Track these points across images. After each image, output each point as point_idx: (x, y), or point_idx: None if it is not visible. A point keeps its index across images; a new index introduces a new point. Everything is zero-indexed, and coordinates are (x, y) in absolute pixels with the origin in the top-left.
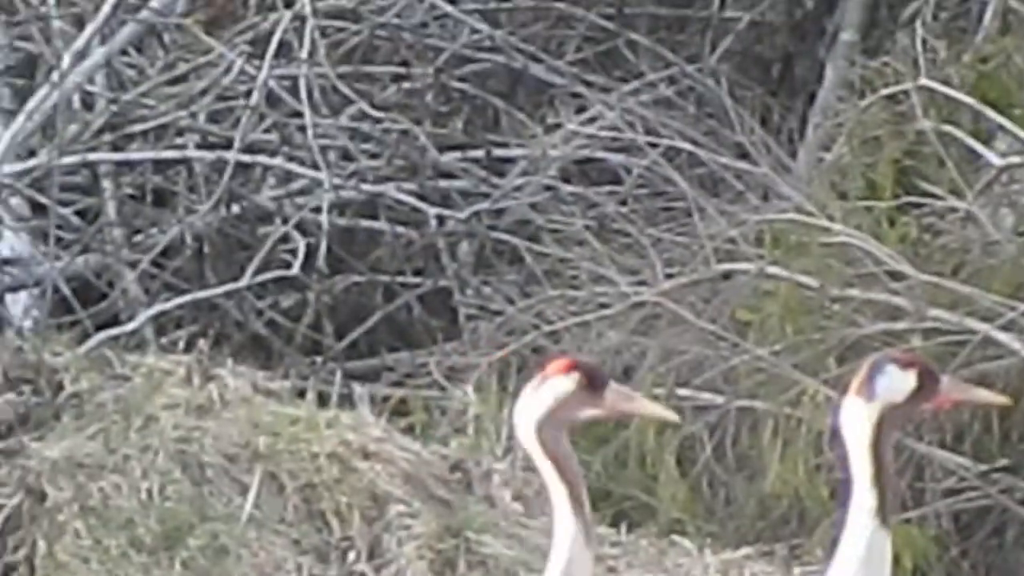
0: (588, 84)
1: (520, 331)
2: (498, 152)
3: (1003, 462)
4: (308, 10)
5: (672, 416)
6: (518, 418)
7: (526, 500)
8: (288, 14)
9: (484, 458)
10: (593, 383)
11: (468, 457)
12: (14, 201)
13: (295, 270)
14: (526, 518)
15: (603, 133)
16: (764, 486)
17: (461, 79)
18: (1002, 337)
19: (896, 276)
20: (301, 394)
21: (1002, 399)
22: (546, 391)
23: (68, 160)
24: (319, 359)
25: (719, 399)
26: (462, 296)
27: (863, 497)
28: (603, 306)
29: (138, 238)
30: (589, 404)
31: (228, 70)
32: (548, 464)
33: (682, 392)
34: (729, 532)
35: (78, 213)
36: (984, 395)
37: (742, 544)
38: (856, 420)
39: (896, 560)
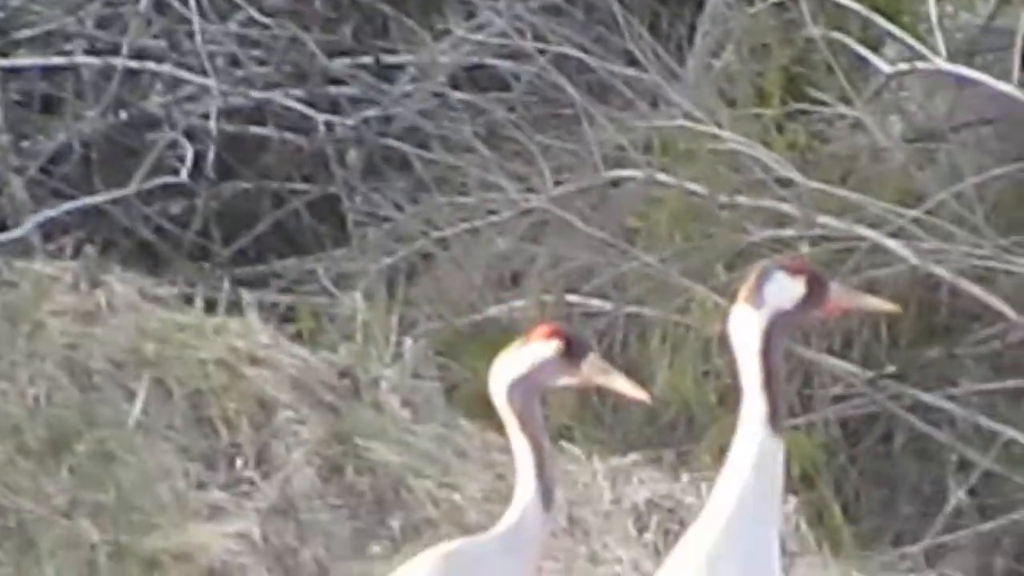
0: None
1: (409, 238)
2: (387, 59)
3: (891, 369)
4: None
5: (644, 396)
6: (493, 377)
7: (414, 407)
8: None
9: (372, 365)
10: (572, 352)
11: (356, 364)
12: None
13: (183, 177)
14: (414, 424)
15: (492, 40)
16: (652, 392)
17: None
18: (891, 244)
19: (784, 183)
20: (189, 300)
21: (891, 306)
22: (525, 354)
23: None
24: (207, 265)
25: (608, 305)
26: (351, 203)
27: (753, 405)
28: (492, 212)
29: (25, 144)
30: (565, 372)
31: None
32: (515, 425)
33: (571, 298)
34: (617, 438)
35: None
36: (873, 302)
37: (630, 450)
38: (745, 327)
39: (784, 467)
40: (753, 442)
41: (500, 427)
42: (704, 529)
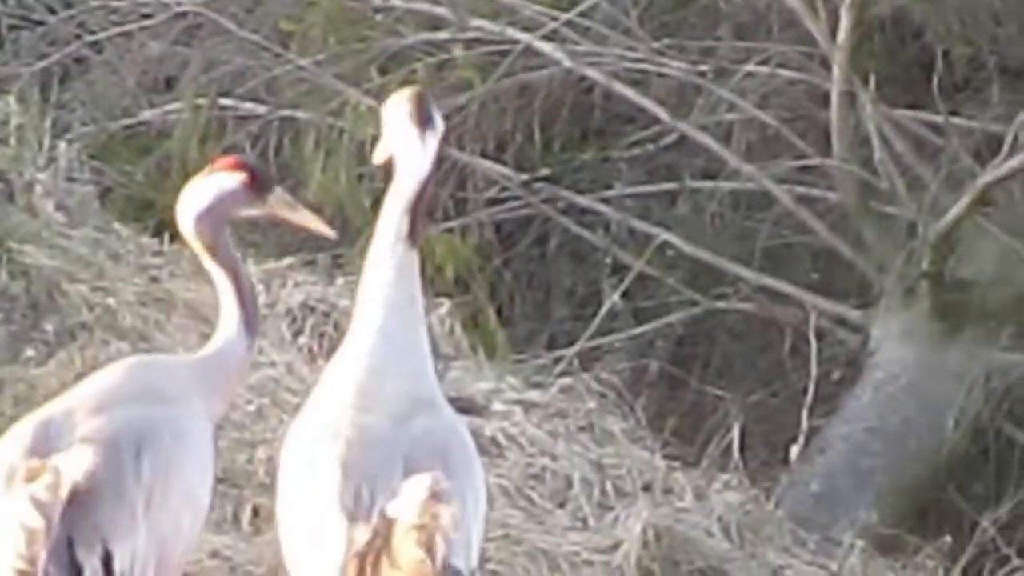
0: None
1: (62, 41)
2: None
3: (545, 172)
4: None
5: (329, 232)
6: (180, 208)
7: (68, 210)
8: None
9: (26, 169)
10: (258, 184)
11: (10, 168)
12: None
13: None
14: (69, 228)
15: None
16: (306, 195)
17: None
18: (544, 47)
19: None
20: None
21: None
22: (210, 186)
23: None
24: None
25: (261, 109)
26: (3, 5)
27: (392, 223)
28: (145, 16)
29: None
30: (250, 204)
31: None
32: (207, 255)
33: (224, 102)
34: (271, 242)
35: None
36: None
37: (285, 254)
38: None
39: (439, 270)
40: (393, 256)
41: (155, 231)
42: (357, 343)
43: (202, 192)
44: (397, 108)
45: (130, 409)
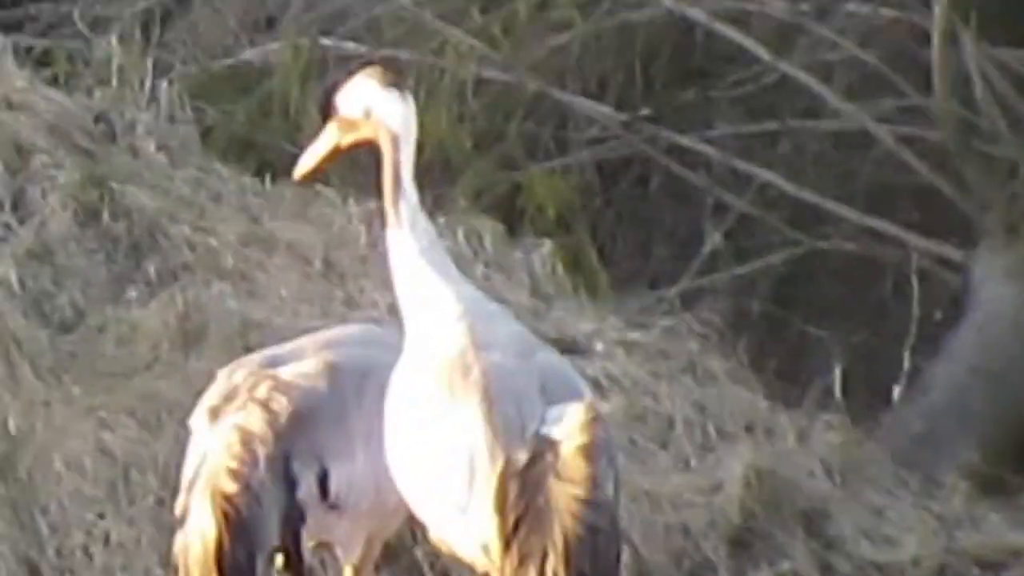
0: None
1: None
2: None
3: (646, 112)
4: None
5: None
6: None
7: (170, 151)
8: None
9: (128, 109)
10: None
11: (112, 108)
12: None
13: None
14: (170, 168)
15: None
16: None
17: None
18: None
19: None
20: None
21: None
22: None
23: None
24: None
25: (362, 49)
26: None
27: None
28: None
29: None
30: None
31: None
32: None
33: (325, 41)
34: (371, 182)
35: None
36: None
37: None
38: None
39: (540, 209)
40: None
41: (256, 170)
42: (437, 297)
43: None
44: (370, 83)
45: (355, 349)
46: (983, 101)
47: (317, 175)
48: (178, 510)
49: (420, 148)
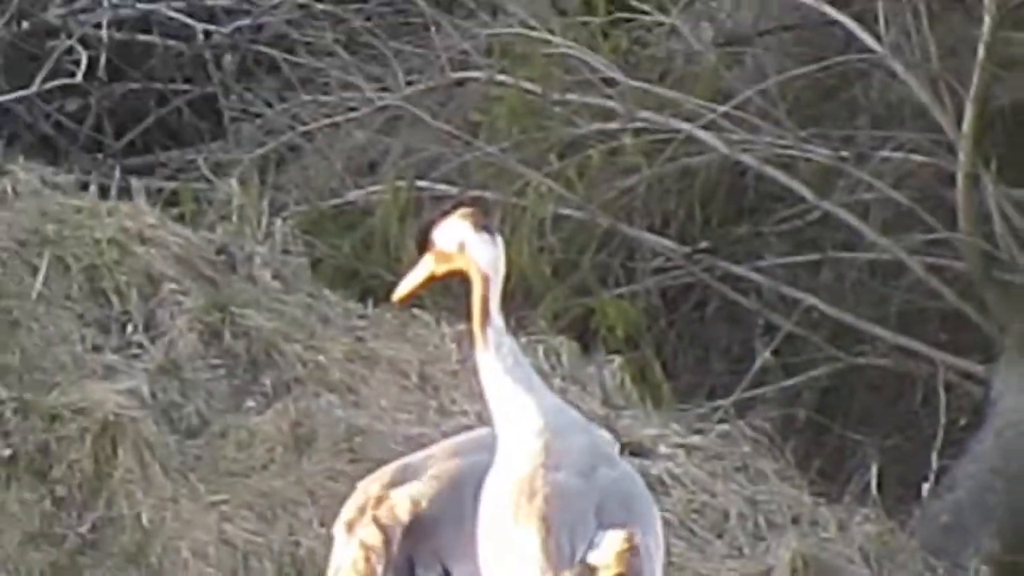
0: None
1: (278, 131)
2: None
3: (704, 244)
4: None
5: None
6: None
7: (284, 279)
8: None
9: (247, 242)
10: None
11: (232, 242)
12: None
13: (79, 78)
14: (284, 295)
15: None
16: None
17: None
18: (703, 135)
19: (609, 82)
20: (84, 187)
21: None
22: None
23: None
24: (100, 156)
25: (454, 190)
26: (227, 100)
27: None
28: (351, 109)
29: None
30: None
31: None
32: None
33: (421, 184)
34: (463, 305)
35: None
36: None
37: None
38: None
39: (610, 330)
40: (507, 342)
41: (359, 296)
42: (525, 412)
43: None
44: (464, 224)
45: (480, 455)
46: (1002, 236)
47: (413, 299)
48: None
49: (506, 277)
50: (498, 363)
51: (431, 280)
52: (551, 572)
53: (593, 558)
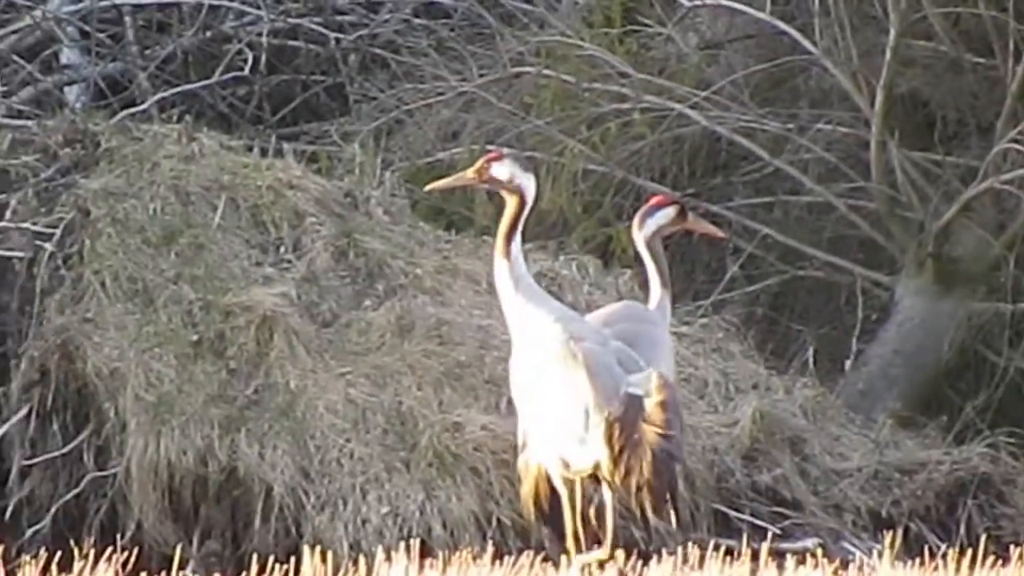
0: None
1: (388, 110)
2: None
3: (691, 190)
4: None
5: (722, 235)
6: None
7: (392, 215)
8: None
9: (365, 189)
10: (682, 212)
11: (355, 188)
12: (69, 29)
13: (246, 72)
14: (392, 226)
15: None
16: (541, 204)
17: None
18: (690, 113)
19: (624, 75)
20: (250, 149)
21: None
22: (657, 216)
23: (102, 3)
24: (261, 127)
25: (512, 151)
26: (351, 88)
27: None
28: (440, 94)
29: (147, 51)
30: (677, 223)
31: None
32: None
33: (489, 147)
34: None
35: (110, 36)
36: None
37: (527, 241)
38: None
39: (624, 251)
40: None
41: (446, 227)
42: (546, 309)
43: (653, 219)
44: (514, 164)
45: (627, 324)
46: (902, 184)
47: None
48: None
49: (550, 213)
50: (519, 269)
51: (460, 188)
52: (603, 401)
53: (639, 391)
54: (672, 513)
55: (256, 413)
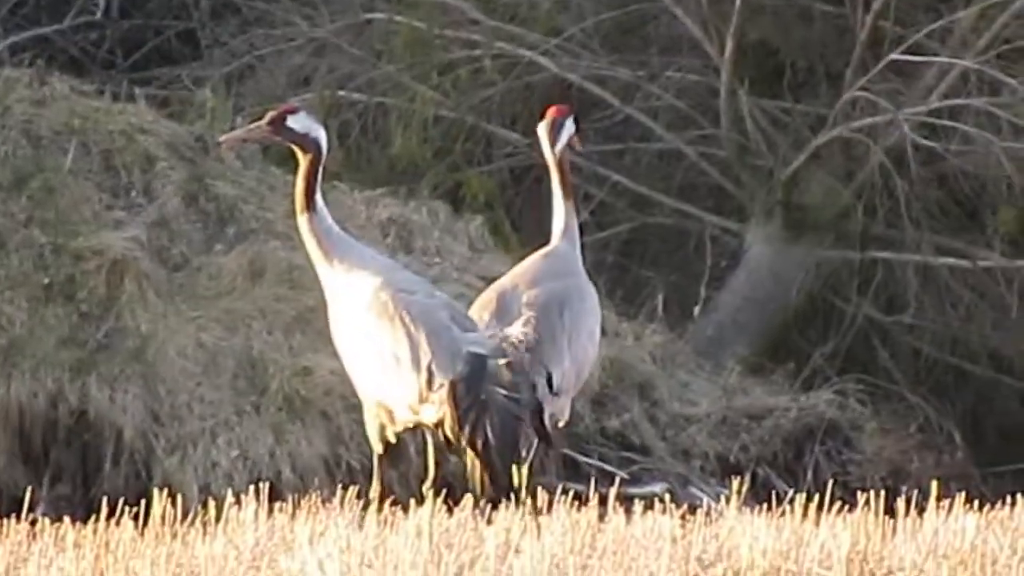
0: None
1: (240, 55)
2: None
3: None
4: None
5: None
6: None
7: (243, 159)
8: None
9: (216, 133)
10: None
11: (206, 133)
12: None
13: (98, 16)
14: (243, 170)
15: None
16: (391, 151)
17: None
18: (541, 60)
19: (475, 22)
20: (101, 93)
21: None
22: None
23: None
24: (113, 72)
25: (364, 97)
26: (203, 33)
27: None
28: (291, 40)
29: None
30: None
31: None
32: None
33: (340, 93)
34: (369, 179)
35: None
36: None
37: (377, 186)
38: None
39: (474, 197)
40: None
41: (294, 170)
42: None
43: (564, 130)
44: (309, 118)
45: (553, 282)
46: (751, 133)
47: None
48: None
49: (400, 159)
50: (325, 220)
51: (250, 141)
52: (448, 361)
53: (482, 351)
54: (515, 476)
55: (107, 357)
